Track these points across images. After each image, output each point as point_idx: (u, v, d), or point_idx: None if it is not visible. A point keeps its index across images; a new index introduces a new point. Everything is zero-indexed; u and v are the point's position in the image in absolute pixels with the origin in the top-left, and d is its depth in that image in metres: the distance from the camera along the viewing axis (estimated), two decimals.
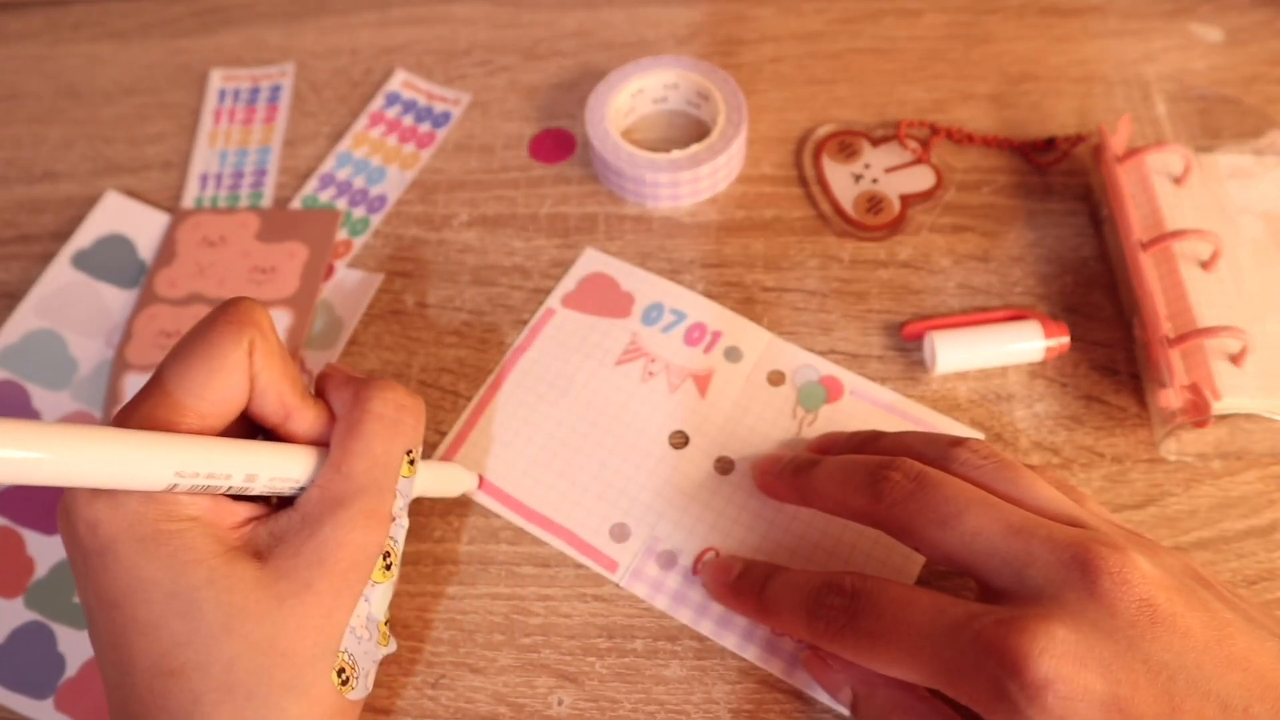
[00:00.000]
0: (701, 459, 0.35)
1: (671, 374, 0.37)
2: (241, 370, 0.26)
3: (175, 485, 0.24)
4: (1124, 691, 0.23)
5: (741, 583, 0.32)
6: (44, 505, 0.36)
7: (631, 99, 0.43)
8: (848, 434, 0.34)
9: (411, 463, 0.29)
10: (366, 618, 0.27)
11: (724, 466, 0.35)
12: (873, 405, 0.36)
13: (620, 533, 0.34)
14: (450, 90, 0.46)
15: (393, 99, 0.45)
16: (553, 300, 0.39)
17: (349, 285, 0.40)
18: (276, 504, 0.28)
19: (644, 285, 0.39)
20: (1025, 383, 0.36)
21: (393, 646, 0.29)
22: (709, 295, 0.39)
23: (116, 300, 0.40)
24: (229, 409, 0.27)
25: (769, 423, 0.36)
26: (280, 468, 0.27)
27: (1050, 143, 0.41)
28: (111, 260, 0.41)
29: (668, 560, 0.34)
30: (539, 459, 0.36)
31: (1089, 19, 0.46)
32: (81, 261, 0.41)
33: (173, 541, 0.25)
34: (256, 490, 0.26)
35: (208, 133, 0.45)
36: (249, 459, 0.26)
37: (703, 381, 0.37)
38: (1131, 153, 0.38)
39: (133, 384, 0.38)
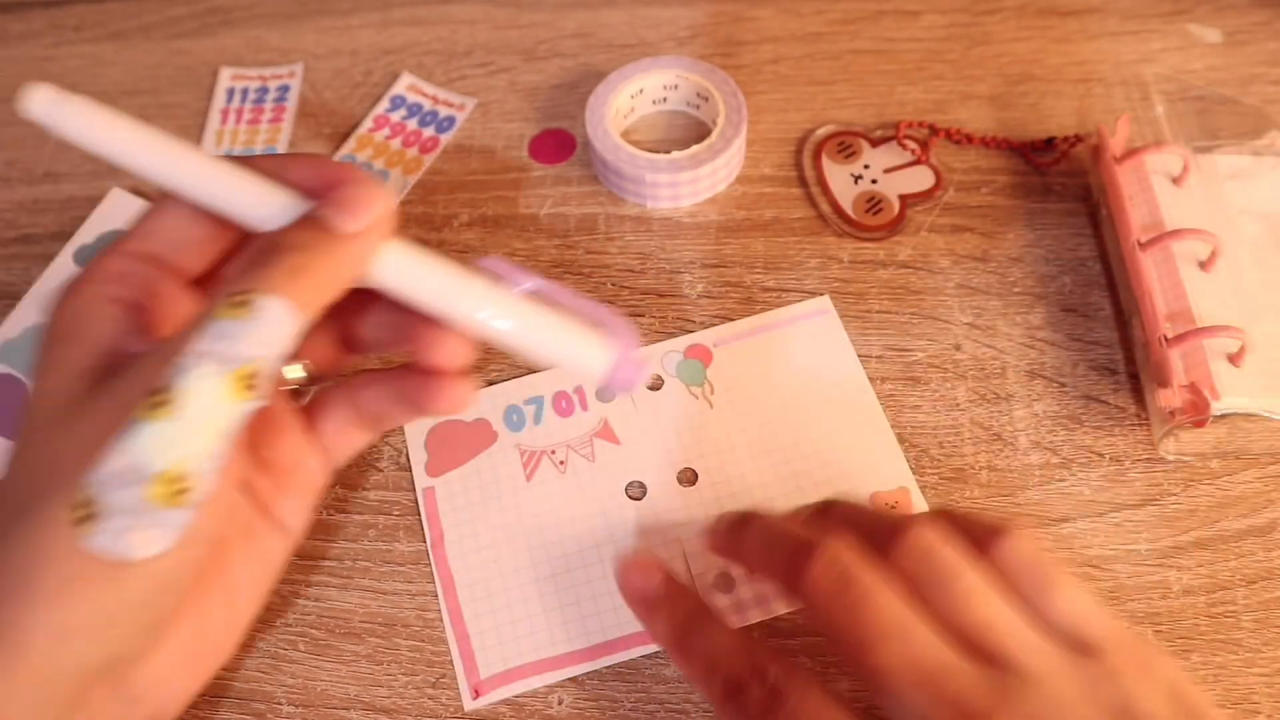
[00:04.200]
0: (663, 486, 0.35)
1: (577, 449, 0.36)
2: None
3: None
4: None
5: (669, 608, 0.28)
6: None
7: (631, 100, 0.43)
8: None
9: None
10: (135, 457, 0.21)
11: (688, 477, 0.35)
12: (743, 340, 0.37)
13: None
14: (456, 95, 0.46)
15: (398, 102, 0.45)
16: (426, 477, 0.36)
17: None
18: None
19: (496, 401, 0.37)
20: (1024, 383, 0.36)
21: (192, 505, 0.21)
22: (709, 296, 0.39)
23: None
24: None
25: (682, 419, 0.36)
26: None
27: (1049, 143, 0.42)
28: None
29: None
30: (520, 616, 0.33)
31: (1088, 20, 0.46)
32: (84, 258, 0.41)
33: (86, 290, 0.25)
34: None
35: (214, 131, 0.45)
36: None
37: (608, 433, 0.36)
38: (1130, 153, 0.38)
39: None
